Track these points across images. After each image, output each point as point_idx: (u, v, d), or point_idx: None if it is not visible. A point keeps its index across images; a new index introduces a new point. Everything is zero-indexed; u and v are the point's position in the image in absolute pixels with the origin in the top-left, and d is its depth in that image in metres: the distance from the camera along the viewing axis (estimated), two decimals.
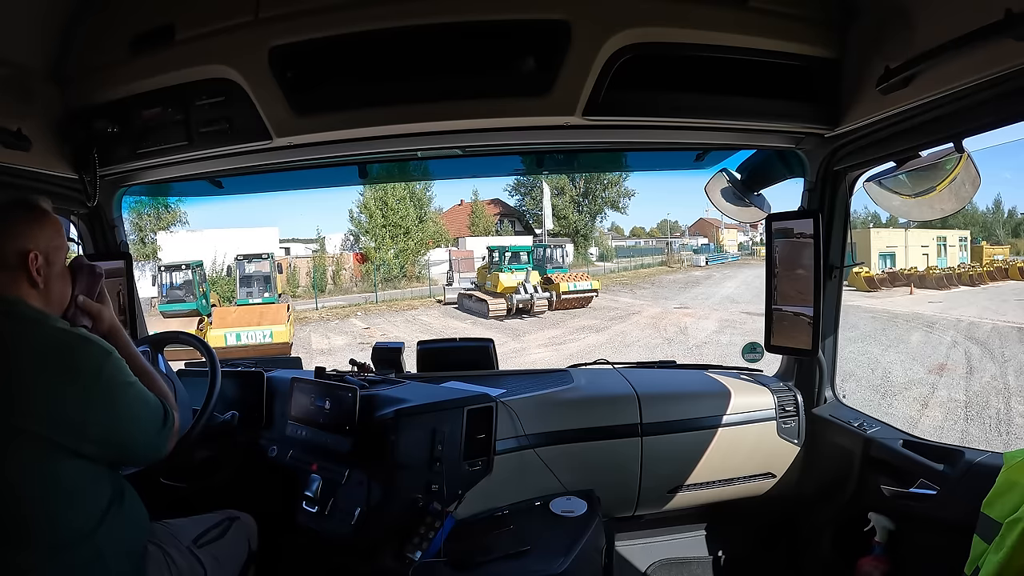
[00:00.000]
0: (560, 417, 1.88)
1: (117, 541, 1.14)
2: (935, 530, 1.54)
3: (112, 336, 1.26)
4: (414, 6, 1.41)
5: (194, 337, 1.75)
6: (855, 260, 2.72)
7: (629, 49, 1.44)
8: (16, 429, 1.02)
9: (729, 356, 9.26)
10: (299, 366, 2.29)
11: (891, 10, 1.34)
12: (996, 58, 1.11)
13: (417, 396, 1.69)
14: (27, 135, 1.49)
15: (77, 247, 2.05)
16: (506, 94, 1.48)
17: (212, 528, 1.47)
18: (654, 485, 1.96)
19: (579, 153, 2.16)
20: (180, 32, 1.50)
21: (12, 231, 1.12)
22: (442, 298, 20.23)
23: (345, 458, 1.60)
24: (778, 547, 2.13)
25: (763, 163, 2.06)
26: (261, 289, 15.05)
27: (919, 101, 1.33)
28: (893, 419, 2.56)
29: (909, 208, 1.63)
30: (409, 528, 1.52)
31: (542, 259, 19.77)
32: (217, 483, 1.73)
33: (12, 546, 1.03)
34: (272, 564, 1.70)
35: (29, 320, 1.10)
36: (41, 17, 1.50)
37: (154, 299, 14.50)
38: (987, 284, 21.38)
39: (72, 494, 1.08)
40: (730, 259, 35.13)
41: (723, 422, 1.98)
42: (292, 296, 18.72)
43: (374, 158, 1.95)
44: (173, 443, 1.26)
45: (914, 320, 14.30)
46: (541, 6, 1.41)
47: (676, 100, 1.54)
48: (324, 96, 1.51)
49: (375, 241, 24.87)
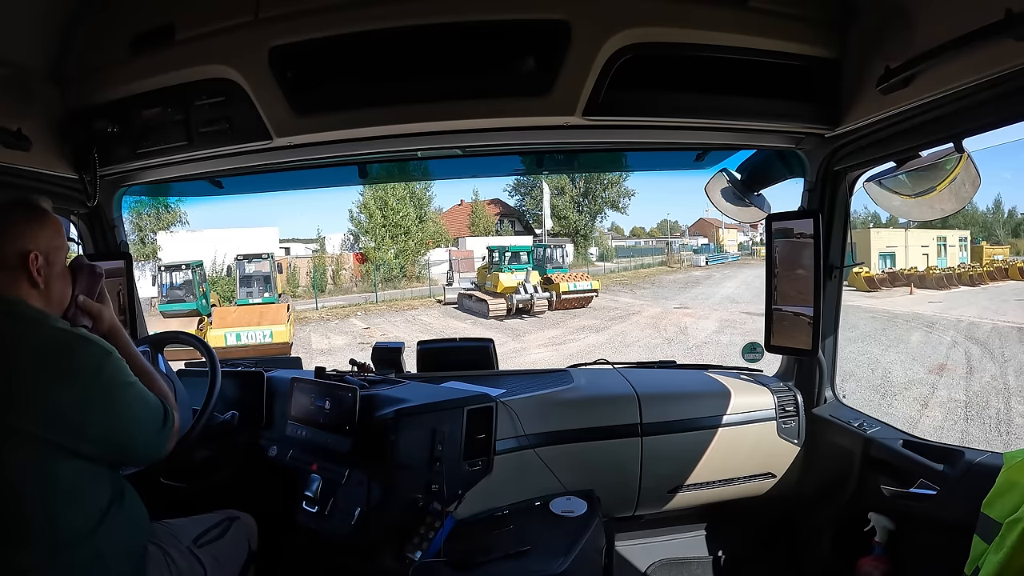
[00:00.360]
0: (560, 417, 1.88)
1: (117, 541, 1.14)
2: (935, 530, 1.54)
3: (112, 336, 1.26)
4: (414, 6, 1.41)
5: (194, 337, 1.76)
6: (855, 260, 2.72)
7: (629, 49, 1.44)
8: (13, 429, 1.02)
9: (729, 356, 9.26)
10: (299, 366, 2.29)
11: (891, 10, 1.34)
12: (996, 58, 1.11)
13: (417, 396, 1.69)
14: (27, 135, 1.49)
15: (77, 247, 2.05)
16: (506, 94, 1.48)
17: (212, 528, 1.47)
18: (654, 485, 1.96)
19: (579, 153, 2.15)
20: (180, 32, 1.50)
21: (12, 231, 1.12)
22: (442, 298, 20.22)
23: (345, 458, 1.60)
24: (778, 547, 2.12)
25: (763, 163, 2.06)
26: (261, 289, 15.05)
27: (919, 101, 1.33)
28: (893, 419, 2.56)
29: (909, 208, 1.63)
30: (409, 528, 1.52)
31: (542, 259, 19.77)
32: (217, 483, 1.73)
33: (12, 546, 1.03)
34: (272, 564, 1.69)
35: (29, 320, 1.10)
36: (41, 17, 1.50)
37: (154, 299, 14.50)
38: (987, 284, 21.39)
39: (72, 494, 1.08)
40: (730, 259, 35.12)
41: (723, 422, 1.98)
42: (292, 296, 18.71)
43: (374, 158, 1.95)
44: (173, 443, 1.26)
45: (914, 320, 14.30)
46: (541, 6, 1.41)
47: (676, 100, 1.53)
48: (324, 96, 1.51)
49: (375, 241, 24.86)
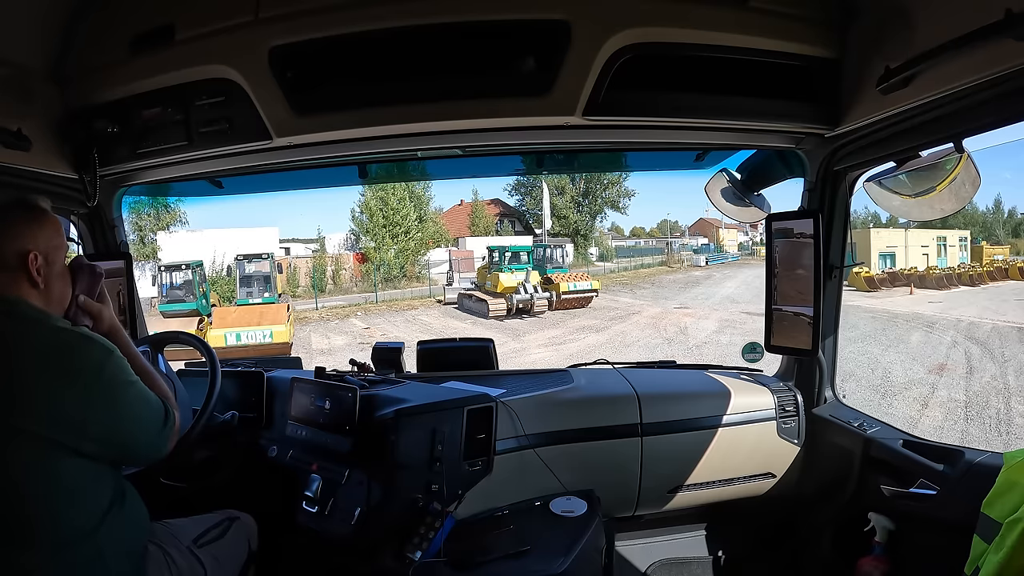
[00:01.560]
0: (560, 417, 1.88)
1: (118, 541, 1.14)
2: (935, 530, 1.54)
3: (112, 336, 1.26)
4: (414, 6, 1.41)
5: (194, 337, 1.76)
6: (855, 260, 2.73)
7: (629, 49, 1.44)
8: (16, 429, 1.03)
9: (729, 356, 9.25)
10: (299, 366, 2.29)
11: (891, 10, 1.34)
12: (996, 58, 1.11)
13: (417, 396, 1.69)
14: (27, 135, 1.49)
15: (77, 247, 2.05)
16: (506, 94, 1.48)
17: (212, 528, 1.47)
18: (654, 485, 1.96)
19: (579, 153, 2.16)
20: (180, 32, 1.50)
21: (12, 231, 1.12)
22: (442, 298, 20.22)
23: (345, 458, 1.60)
24: (778, 547, 2.12)
25: (763, 163, 2.06)
26: (261, 289, 15.05)
27: (919, 101, 1.33)
28: (893, 419, 2.56)
29: (909, 208, 1.63)
30: (409, 528, 1.53)
31: (542, 259, 19.76)
32: (217, 483, 1.73)
33: (16, 546, 1.04)
34: (272, 564, 1.70)
35: (30, 320, 1.10)
36: (41, 17, 1.50)
37: (154, 299, 14.50)
38: (987, 284, 21.37)
39: (73, 493, 1.08)
40: (730, 259, 35.11)
41: (723, 422, 1.98)
42: (292, 296, 18.71)
43: (374, 158, 1.95)
44: (173, 443, 1.26)
45: (914, 320, 14.30)
46: (541, 6, 1.41)
47: (676, 100, 1.53)
48: (324, 96, 1.51)
49: (375, 241, 24.86)
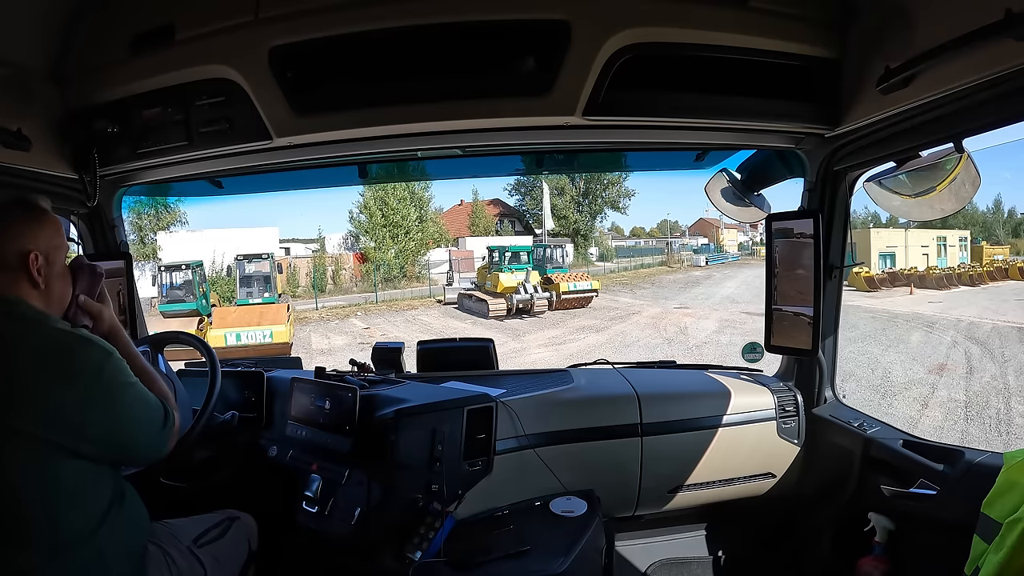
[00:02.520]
0: (560, 417, 1.88)
1: (117, 541, 1.14)
2: (935, 530, 1.54)
3: (112, 336, 1.26)
4: (414, 6, 1.41)
5: (194, 337, 1.75)
6: (855, 260, 2.73)
7: (629, 49, 1.44)
8: (14, 430, 1.02)
9: (729, 356, 9.26)
10: (299, 366, 2.29)
11: (891, 10, 1.34)
12: (996, 58, 1.11)
13: (417, 396, 1.69)
14: (27, 135, 1.49)
15: (77, 247, 2.05)
16: (506, 94, 1.47)
17: (212, 528, 1.47)
18: (654, 485, 1.96)
19: (579, 153, 2.15)
20: (180, 32, 1.50)
21: (12, 231, 1.12)
22: (442, 298, 20.21)
23: (345, 458, 1.60)
24: (778, 547, 2.12)
25: (763, 163, 2.05)
26: (261, 289, 15.05)
27: (919, 101, 1.33)
28: (893, 419, 2.56)
29: (909, 208, 1.63)
30: (409, 528, 1.53)
31: (542, 259, 19.76)
32: (217, 483, 1.73)
33: (13, 547, 1.03)
34: (272, 564, 1.69)
35: (30, 321, 1.10)
36: (41, 17, 1.50)
37: (154, 299, 14.50)
38: (987, 284, 21.37)
39: (72, 494, 1.08)
40: (730, 259, 35.12)
41: (723, 422, 1.98)
42: (292, 296, 18.71)
43: (374, 158, 1.95)
44: (173, 443, 1.26)
45: (914, 320, 14.30)
46: (541, 6, 1.41)
47: (676, 100, 1.53)
48: (324, 96, 1.51)
49: (375, 241, 24.86)
